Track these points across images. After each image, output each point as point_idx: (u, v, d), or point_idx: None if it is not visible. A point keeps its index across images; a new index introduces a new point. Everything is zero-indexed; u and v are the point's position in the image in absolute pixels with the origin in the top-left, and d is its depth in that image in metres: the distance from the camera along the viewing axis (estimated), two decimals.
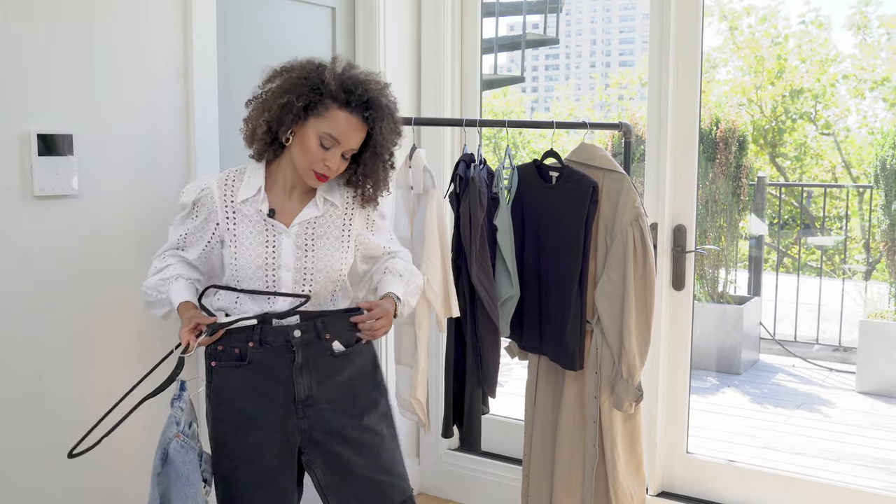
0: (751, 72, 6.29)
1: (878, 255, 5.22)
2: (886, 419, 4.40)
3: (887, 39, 5.91)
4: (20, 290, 1.99)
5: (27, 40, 1.96)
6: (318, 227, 1.94)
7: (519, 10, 4.93)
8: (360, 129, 1.88)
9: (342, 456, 1.94)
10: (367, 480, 1.96)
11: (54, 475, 2.09)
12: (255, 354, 1.88)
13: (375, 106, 1.88)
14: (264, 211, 1.91)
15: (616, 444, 2.46)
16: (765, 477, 2.84)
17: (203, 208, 1.92)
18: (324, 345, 1.91)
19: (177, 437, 1.80)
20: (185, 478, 1.79)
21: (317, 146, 1.85)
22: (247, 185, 1.92)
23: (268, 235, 1.90)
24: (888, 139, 4.94)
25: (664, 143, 2.79)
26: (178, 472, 1.79)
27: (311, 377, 1.91)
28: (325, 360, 1.92)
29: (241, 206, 1.91)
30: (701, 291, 5.22)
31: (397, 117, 1.96)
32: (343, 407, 1.95)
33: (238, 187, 1.92)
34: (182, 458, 1.80)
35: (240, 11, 2.56)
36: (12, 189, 1.96)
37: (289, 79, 1.89)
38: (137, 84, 2.20)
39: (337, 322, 1.93)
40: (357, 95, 1.85)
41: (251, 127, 1.93)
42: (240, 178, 1.94)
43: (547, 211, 2.45)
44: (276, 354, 1.88)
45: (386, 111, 1.90)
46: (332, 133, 1.84)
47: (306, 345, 1.89)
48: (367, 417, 1.98)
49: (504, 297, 2.48)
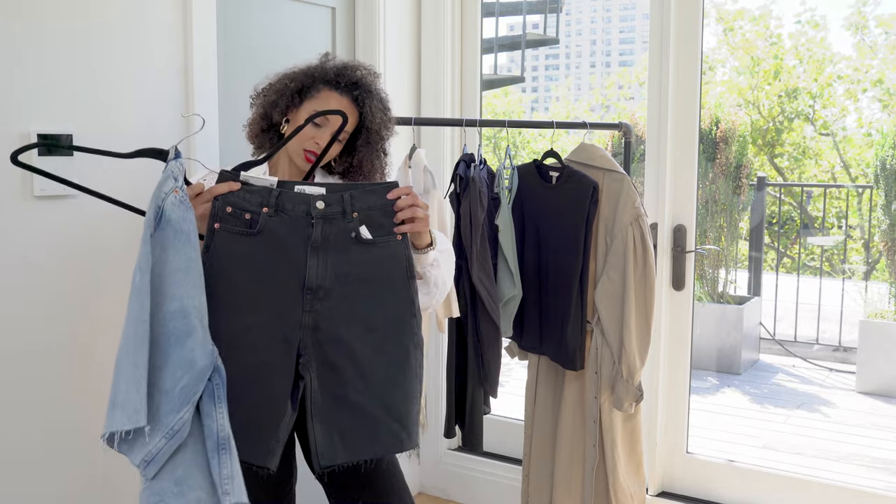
0: (747, 73, 6.29)
1: (878, 255, 5.22)
2: (886, 419, 4.40)
3: (885, 39, 5.92)
4: (20, 290, 1.99)
5: (27, 40, 1.96)
6: None
7: (519, 10, 4.93)
8: (349, 109, 1.91)
9: (341, 373, 1.65)
10: (358, 413, 1.66)
11: (53, 472, 2.09)
12: (267, 222, 1.63)
13: (364, 87, 1.92)
14: None
15: (616, 444, 2.46)
16: (765, 477, 2.84)
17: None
18: (348, 224, 1.65)
19: (174, 192, 1.52)
20: (186, 235, 1.50)
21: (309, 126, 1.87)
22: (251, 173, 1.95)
23: None
24: (888, 139, 4.94)
25: (664, 143, 2.79)
26: (177, 229, 1.50)
27: (327, 261, 1.65)
28: (346, 243, 1.65)
29: None
30: (701, 291, 5.22)
31: (388, 105, 1.98)
32: (360, 311, 1.66)
33: None
34: (181, 215, 1.51)
35: (240, 11, 2.56)
36: (12, 189, 1.96)
37: (285, 73, 1.98)
38: (137, 84, 2.20)
39: (368, 199, 1.66)
40: (346, 77, 1.91)
41: (251, 120, 2.00)
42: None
43: (547, 211, 2.45)
44: (292, 226, 1.63)
45: (375, 94, 1.93)
46: (320, 108, 1.88)
47: (328, 219, 1.64)
48: (387, 333, 1.68)
49: (506, 297, 2.47)
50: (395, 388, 1.68)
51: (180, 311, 1.45)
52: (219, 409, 1.44)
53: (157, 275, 1.47)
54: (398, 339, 1.68)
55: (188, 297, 1.47)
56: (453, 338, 2.51)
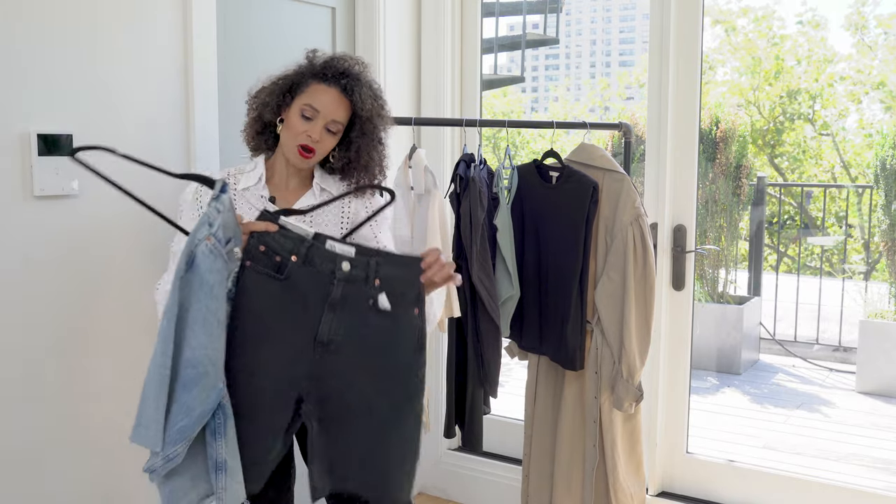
0: (748, 73, 6.29)
1: (878, 255, 5.22)
2: (886, 419, 4.40)
3: (885, 39, 5.91)
4: (20, 290, 1.99)
5: (27, 40, 1.96)
6: (316, 214, 1.96)
7: (519, 10, 4.93)
8: (339, 99, 1.91)
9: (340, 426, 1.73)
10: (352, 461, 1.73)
11: (51, 472, 2.09)
12: (294, 271, 1.68)
13: (352, 75, 1.93)
14: (265, 197, 1.94)
15: (616, 444, 2.46)
16: (765, 477, 2.84)
17: (205, 198, 1.94)
18: (369, 290, 1.70)
19: (207, 239, 1.57)
20: (210, 287, 1.57)
21: (298, 119, 1.88)
22: (247, 176, 1.98)
23: None
24: (888, 139, 4.94)
25: (664, 143, 2.79)
26: (202, 279, 1.57)
27: (341, 320, 1.70)
28: (363, 308, 1.70)
29: (244, 194, 1.96)
30: (701, 291, 5.22)
31: (379, 93, 1.98)
32: (365, 373, 1.72)
33: (239, 179, 1.98)
34: (209, 265, 1.57)
35: (240, 11, 2.56)
36: (12, 189, 1.96)
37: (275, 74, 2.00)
38: (137, 84, 2.20)
39: (393, 268, 1.70)
40: (333, 68, 1.92)
41: (246, 123, 2.02)
42: (241, 171, 2.01)
43: (547, 211, 2.45)
44: (316, 280, 1.69)
45: (364, 82, 1.94)
46: (312, 103, 1.89)
47: (350, 281, 1.70)
48: (391, 399, 1.73)
49: (504, 297, 2.48)
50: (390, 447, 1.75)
51: (192, 360, 1.58)
52: (218, 441, 1.62)
53: (181, 319, 1.58)
54: (399, 407, 1.74)
55: (201, 348, 1.58)
56: (453, 337, 2.51)
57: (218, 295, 1.59)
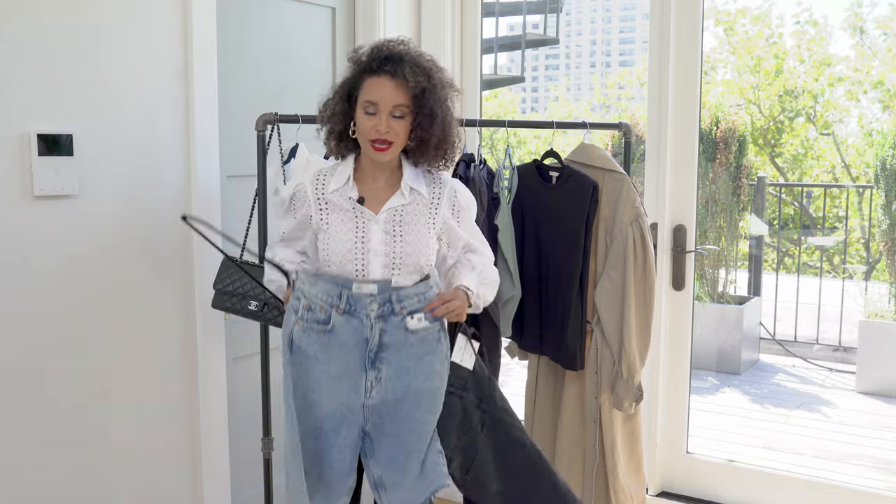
0: (748, 72, 6.30)
1: (878, 255, 5.23)
2: (886, 419, 4.40)
3: (884, 40, 5.92)
4: (20, 290, 1.99)
5: (27, 40, 1.96)
6: (406, 214, 1.98)
7: (519, 10, 4.93)
8: (391, 84, 1.90)
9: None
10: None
11: (50, 472, 2.09)
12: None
13: (394, 57, 1.92)
14: (354, 198, 1.96)
15: (616, 444, 2.46)
16: (765, 477, 2.84)
17: (299, 202, 1.99)
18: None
19: (297, 323, 1.89)
20: (314, 357, 1.89)
21: (364, 117, 1.90)
22: (337, 177, 1.98)
23: (357, 222, 1.95)
24: (888, 139, 4.94)
25: (664, 143, 2.79)
26: (305, 353, 1.89)
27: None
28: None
29: (332, 196, 1.97)
30: (701, 291, 5.22)
31: (424, 64, 1.94)
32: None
33: (329, 181, 1.99)
34: (307, 341, 1.89)
35: (240, 11, 2.56)
36: (12, 189, 1.96)
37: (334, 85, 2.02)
38: (137, 84, 2.20)
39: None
40: (376, 58, 1.92)
41: (325, 139, 2.03)
42: (332, 172, 2.01)
43: (547, 211, 2.45)
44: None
45: (408, 58, 1.92)
46: (369, 98, 1.90)
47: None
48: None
49: (505, 297, 2.47)
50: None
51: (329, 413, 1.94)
52: None
53: (296, 388, 1.91)
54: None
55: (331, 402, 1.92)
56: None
57: (322, 359, 1.89)
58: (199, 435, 2.41)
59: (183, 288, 2.35)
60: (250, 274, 2.18)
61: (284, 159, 2.34)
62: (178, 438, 2.37)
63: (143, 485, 2.28)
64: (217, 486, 2.46)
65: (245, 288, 2.24)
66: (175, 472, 2.37)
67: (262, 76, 2.63)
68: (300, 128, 2.32)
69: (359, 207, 1.95)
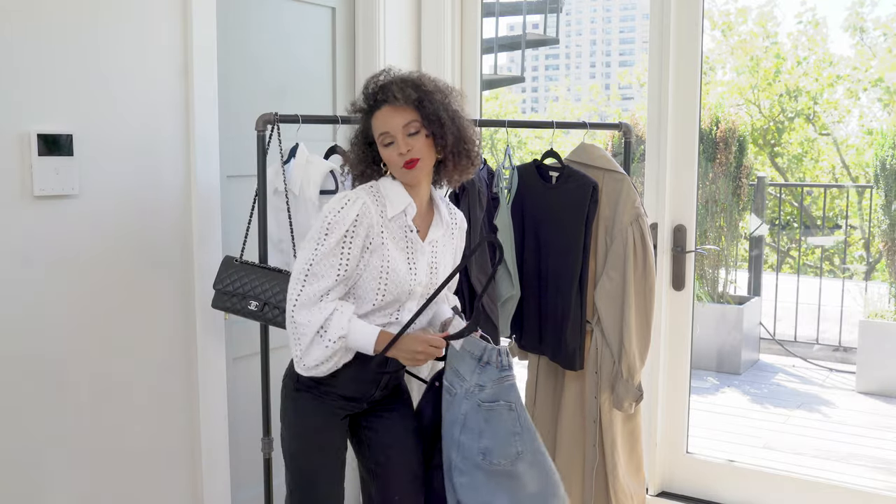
0: (748, 72, 6.30)
1: (878, 255, 5.23)
2: (886, 419, 4.40)
3: (884, 41, 5.92)
4: (20, 290, 1.99)
5: (27, 40, 1.96)
6: (440, 245, 2.02)
7: (519, 10, 4.93)
8: (390, 110, 1.92)
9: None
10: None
11: (52, 472, 2.09)
12: None
13: (383, 87, 1.94)
14: (412, 227, 1.96)
15: (616, 444, 2.46)
16: (765, 477, 2.84)
17: (362, 223, 1.89)
18: None
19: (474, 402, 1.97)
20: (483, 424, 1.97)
21: (386, 150, 1.93)
22: (392, 205, 1.95)
23: (408, 252, 1.95)
24: (888, 139, 4.94)
25: (664, 143, 2.79)
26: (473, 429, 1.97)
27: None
28: None
29: (389, 224, 1.94)
30: (701, 291, 5.22)
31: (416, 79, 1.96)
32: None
33: (384, 203, 1.95)
34: (484, 416, 1.95)
35: (240, 11, 2.56)
36: (12, 189, 1.96)
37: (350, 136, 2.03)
38: (137, 84, 2.20)
39: None
40: (371, 95, 1.96)
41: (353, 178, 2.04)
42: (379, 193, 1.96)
43: (547, 211, 2.45)
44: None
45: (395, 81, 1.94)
46: (380, 131, 1.93)
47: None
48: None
49: (504, 297, 2.48)
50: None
51: None
52: None
53: None
54: None
55: None
56: None
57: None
58: (199, 435, 2.40)
59: (183, 288, 2.35)
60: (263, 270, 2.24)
61: (284, 159, 2.34)
62: (178, 438, 2.37)
63: (142, 484, 2.28)
64: (217, 486, 2.46)
65: (245, 288, 2.23)
66: (175, 472, 2.37)
67: (262, 76, 2.63)
68: (300, 128, 2.32)
69: (412, 235, 1.95)
